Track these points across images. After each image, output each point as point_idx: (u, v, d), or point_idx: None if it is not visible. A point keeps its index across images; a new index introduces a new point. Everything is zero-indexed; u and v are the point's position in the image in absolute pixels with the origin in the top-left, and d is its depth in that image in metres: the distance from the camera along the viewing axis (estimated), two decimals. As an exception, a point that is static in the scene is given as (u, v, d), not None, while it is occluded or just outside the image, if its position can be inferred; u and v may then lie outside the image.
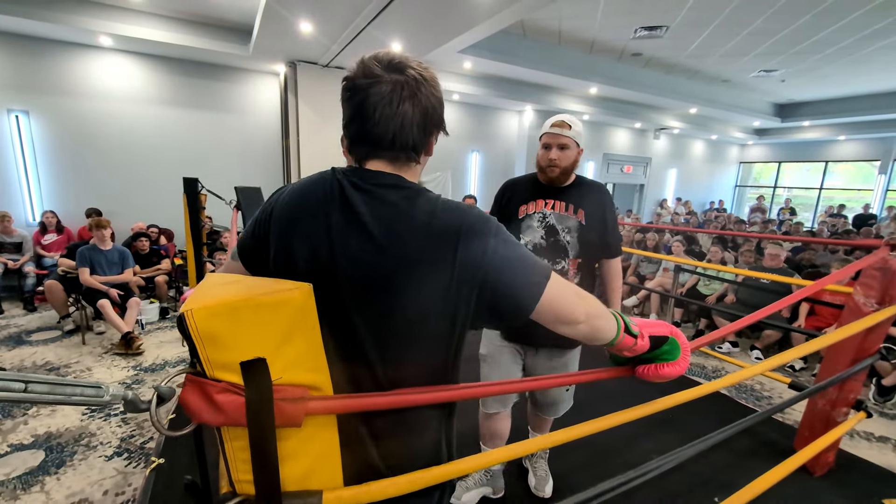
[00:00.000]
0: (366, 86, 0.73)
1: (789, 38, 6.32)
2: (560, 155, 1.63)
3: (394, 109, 0.73)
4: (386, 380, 0.76)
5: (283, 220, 0.78)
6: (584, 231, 1.64)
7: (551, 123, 1.66)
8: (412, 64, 0.76)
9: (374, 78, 0.73)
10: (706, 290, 4.89)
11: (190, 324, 0.55)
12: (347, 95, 0.76)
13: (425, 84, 0.76)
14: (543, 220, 1.67)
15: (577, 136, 1.66)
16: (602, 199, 1.71)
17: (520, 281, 0.75)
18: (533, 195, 1.71)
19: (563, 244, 1.64)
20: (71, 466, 2.44)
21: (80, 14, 4.82)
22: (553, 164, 1.64)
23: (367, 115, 0.74)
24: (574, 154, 1.66)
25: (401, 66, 0.75)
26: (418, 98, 0.75)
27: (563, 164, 1.64)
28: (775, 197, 13.71)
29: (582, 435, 0.96)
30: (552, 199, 1.68)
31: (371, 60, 0.75)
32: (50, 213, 5.40)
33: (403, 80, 0.74)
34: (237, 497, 0.61)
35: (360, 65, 0.76)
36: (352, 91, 0.75)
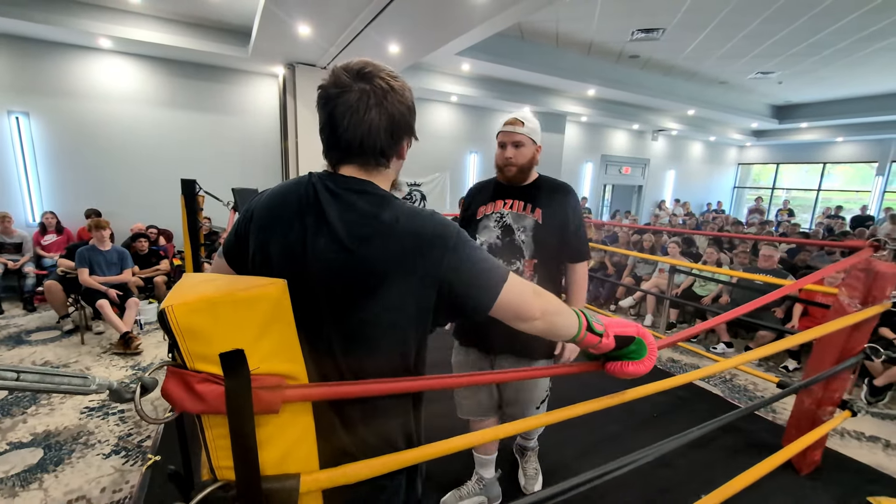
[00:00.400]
0: (335, 94, 0.78)
1: (786, 40, 6.35)
2: (515, 153, 1.60)
3: (360, 117, 0.78)
4: (351, 375, 0.81)
5: (261, 221, 0.84)
6: (540, 230, 1.59)
7: (505, 121, 1.63)
8: (381, 73, 0.80)
9: (343, 87, 0.78)
10: (702, 291, 4.92)
11: (171, 319, 0.58)
12: (321, 103, 0.81)
13: (392, 92, 0.80)
14: (500, 219, 1.64)
15: (532, 132, 1.61)
16: (563, 199, 1.63)
17: (477, 282, 0.80)
18: (493, 196, 1.69)
19: (518, 244, 1.60)
20: (69, 464, 2.47)
21: (79, 16, 4.87)
22: (509, 163, 1.61)
23: (337, 122, 0.79)
24: (530, 151, 1.62)
25: (369, 76, 0.79)
26: (385, 106, 0.79)
27: (518, 161, 1.61)
28: (774, 198, 13.74)
29: (556, 420, 0.99)
30: (511, 199, 1.65)
31: (341, 70, 0.80)
32: (50, 213, 5.44)
33: (370, 88, 0.78)
34: (217, 483, 0.64)
35: (332, 74, 0.80)
36: (324, 99, 0.80)
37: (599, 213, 12.00)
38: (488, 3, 3.78)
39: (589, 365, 1.03)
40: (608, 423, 2.62)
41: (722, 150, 14.12)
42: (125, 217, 5.90)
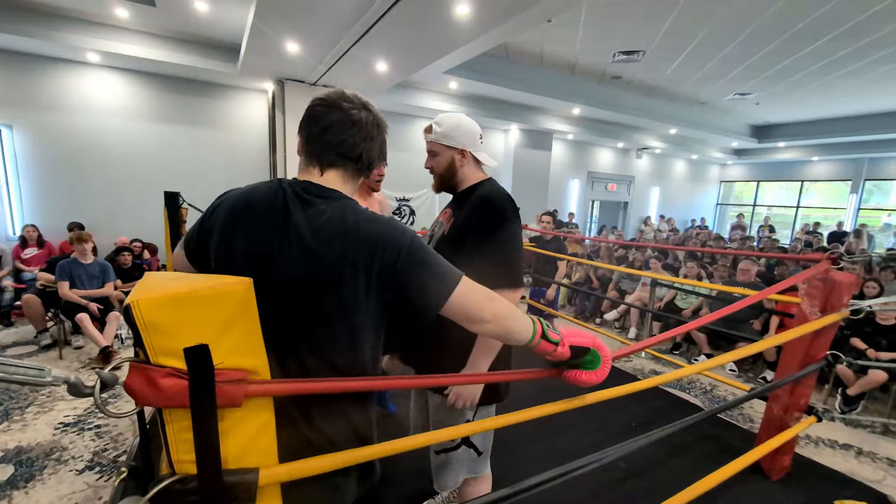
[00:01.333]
0: (347, 108, 0.92)
1: (760, 63, 6.61)
2: (432, 162, 1.48)
3: (368, 132, 0.94)
4: (314, 372, 0.86)
5: (229, 217, 0.90)
6: (443, 242, 1.44)
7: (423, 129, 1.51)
8: (374, 107, 0.98)
9: (352, 105, 0.93)
10: (683, 304, 5.00)
11: (136, 314, 0.61)
12: (323, 111, 0.91)
13: (382, 124, 0.99)
14: (433, 229, 1.57)
15: (444, 137, 1.43)
16: (475, 210, 1.38)
17: (430, 282, 0.87)
18: (447, 205, 1.60)
19: None
20: (40, 481, 2.42)
21: (67, 31, 4.91)
22: (431, 172, 1.51)
23: (345, 129, 0.91)
24: (445, 159, 1.45)
25: (368, 106, 0.96)
26: (381, 131, 0.98)
27: (437, 170, 1.49)
28: (755, 214, 14.07)
29: (508, 423, 1.02)
30: (449, 208, 1.55)
31: (348, 93, 0.95)
32: (31, 227, 5.38)
33: (373, 116, 0.96)
34: (175, 476, 0.66)
35: (337, 92, 0.94)
36: (330, 108, 0.91)
37: (587, 228, 12.17)
38: (474, 23, 3.90)
39: (549, 371, 1.07)
40: (587, 434, 2.64)
41: (704, 167, 14.48)
42: (110, 231, 5.85)
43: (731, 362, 4.30)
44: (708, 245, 8.48)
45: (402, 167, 8.47)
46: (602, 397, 1.12)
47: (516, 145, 9.43)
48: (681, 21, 5.26)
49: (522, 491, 0.95)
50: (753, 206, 14.25)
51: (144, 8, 4.52)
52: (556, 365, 1.05)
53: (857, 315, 1.86)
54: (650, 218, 12.94)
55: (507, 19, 3.75)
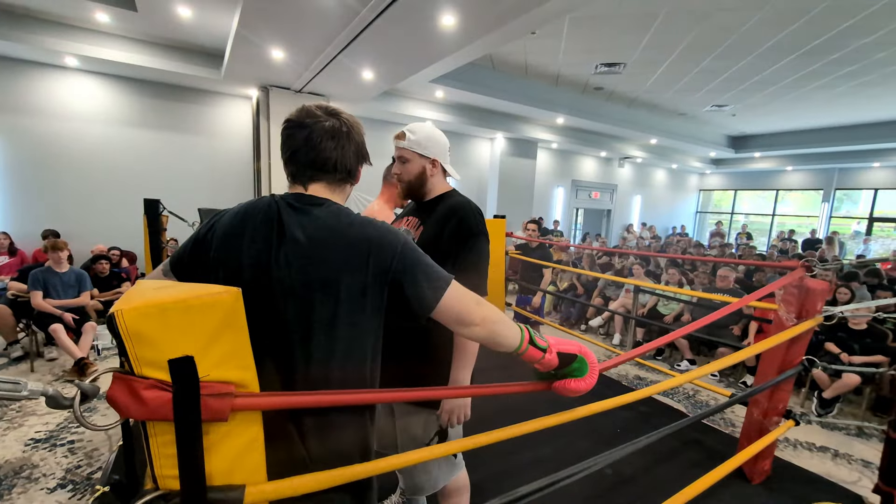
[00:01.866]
0: (311, 124, 0.93)
1: (735, 76, 6.83)
2: (401, 168, 1.48)
3: (337, 142, 0.94)
4: (312, 378, 0.85)
5: (225, 237, 0.92)
6: None
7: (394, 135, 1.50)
8: (343, 112, 0.98)
9: (316, 118, 0.94)
10: (665, 310, 5.08)
11: (119, 324, 0.60)
12: (292, 132, 0.94)
13: (354, 126, 0.99)
14: None
15: (417, 145, 1.43)
16: (444, 217, 1.40)
17: (423, 283, 0.89)
18: (406, 213, 1.60)
19: None
20: (9, 500, 2.32)
21: (44, 34, 4.80)
22: (399, 179, 1.50)
23: (313, 144, 0.93)
24: (417, 167, 1.45)
25: (335, 113, 0.96)
26: (352, 135, 0.97)
27: (405, 177, 1.48)
28: (733, 222, 14.44)
29: (501, 438, 1.01)
30: (412, 216, 1.53)
31: (311, 106, 0.95)
32: (2, 234, 5.20)
33: (339, 123, 0.95)
34: (158, 491, 0.64)
35: (302, 109, 0.95)
36: (297, 128, 0.93)
37: (572, 236, 12.31)
38: (459, 34, 3.94)
39: (537, 385, 1.07)
40: (575, 441, 2.65)
41: (684, 176, 14.82)
42: (87, 238, 5.69)
43: (713, 368, 4.38)
44: (688, 252, 8.66)
45: (387, 175, 8.46)
46: (594, 410, 1.12)
47: (502, 153, 9.52)
48: (660, 35, 5.42)
49: (510, 502, 0.94)
50: (731, 214, 14.63)
51: (125, 13, 4.46)
52: (543, 377, 1.06)
53: (830, 321, 1.92)
54: (633, 225, 13.18)
55: (492, 31, 3.81)
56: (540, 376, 1.07)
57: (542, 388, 1.07)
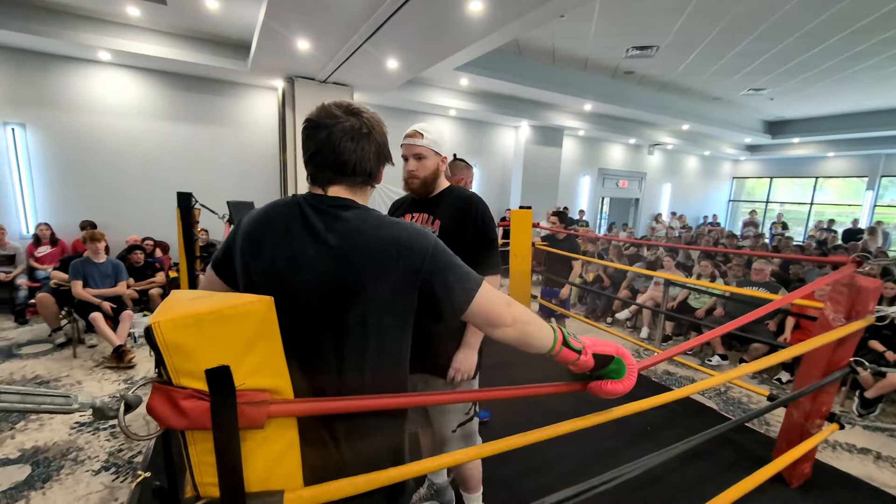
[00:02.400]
0: (330, 124, 0.89)
1: (775, 59, 6.48)
2: (417, 165, 1.55)
3: (357, 143, 0.90)
4: (343, 382, 0.85)
5: (248, 238, 0.91)
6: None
7: (405, 134, 1.57)
8: (364, 110, 0.94)
9: (336, 118, 0.89)
10: (696, 304, 4.94)
11: (157, 335, 0.59)
12: (312, 132, 0.91)
13: (376, 125, 0.94)
14: None
15: (434, 143, 1.54)
16: (464, 208, 1.56)
17: (454, 285, 0.88)
18: (405, 210, 1.68)
19: None
20: (57, 481, 2.44)
21: (78, 29, 4.93)
22: (412, 176, 1.56)
23: (333, 146, 0.89)
24: (433, 163, 1.55)
25: (356, 111, 0.92)
26: (373, 136, 0.93)
27: (420, 174, 1.55)
28: (768, 211, 13.87)
29: (521, 445, 0.99)
30: (417, 212, 1.62)
31: (331, 105, 0.92)
32: (44, 225, 5.44)
33: (359, 122, 0.91)
34: (201, 500, 0.65)
35: (321, 108, 0.91)
36: (316, 128, 0.90)
37: (597, 225, 12.07)
38: (485, 20, 3.85)
39: (571, 385, 1.04)
40: (603, 438, 2.61)
41: (717, 163, 14.29)
42: (121, 229, 5.90)
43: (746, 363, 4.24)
44: (721, 243, 8.37)
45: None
46: (631, 410, 1.08)
47: (526, 142, 9.35)
48: (696, 16, 5.17)
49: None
50: (766, 203, 14.06)
51: (156, 6, 4.53)
52: (578, 377, 1.02)
53: (882, 321, 1.81)
54: (661, 215, 12.81)
55: (520, 16, 3.70)
56: (574, 377, 1.04)
57: (576, 389, 1.04)
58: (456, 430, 1.64)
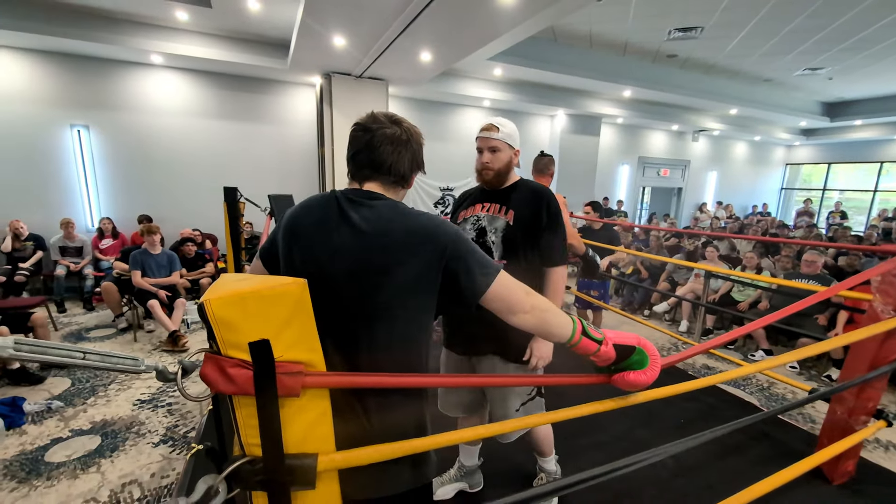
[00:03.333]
0: (375, 129, 1.01)
1: (834, 35, 6.04)
2: (492, 157, 1.64)
3: (395, 147, 1.02)
4: (371, 358, 0.94)
5: (291, 229, 1.02)
6: (510, 231, 1.62)
7: (481, 127, 1.67)
8: (405, 121, 1.06)
9: (380, 124, 1.02)
10: (740, 297, 4.74)
11: (208, 311, 0.68)
12: (359, 134, 1.02)
13: (415, 136, 1.06)
14: (477, 222, 1.69)
15: (508, 137, 1.64)
16: (537, 201, 1.64)
17: (475, 269, 0.95)
18: (474, 200, 1.75)
19: (488, 245, 1.64)
20: (123, 451, 2.69)
21: (133, 35, 5.26)
22: (486, 167, 1.65)
23: (374, 147, 1.01)
24: (506, 156, 1.66)
25: (399, 121, 1.04)
26: (411, 143, 1.05)
27: (495, 166, 1.65)
28: (825, 200, 12.98)
29: (557, 420, 1.02)
30: (489, 203, 1.70)
31: (379, 114, 1.04)
32: (107, 219, 5.88)
33: (400, 130, 1.03)
34: (246, 457, 0.73)
35: (370, 115, 1.04)
36: (363, 131, 1.02)
37: (637, 216, 11.71)
38: (518, 8, 3.81)
39: (596, 377, 1.06)
40: (634, 429, 2.60)
41: (768, 149, 13.49)
42: (174, 222, 6.29)
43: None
44: (770, 233, 7.94)
45: (445, 156, 8.49)
46: (652, 396, 1.10)
47: (562, 131, 9.18)
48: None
49: (565, 487, 0.96)
50: (823, 191, 13.15)
51: (202, 9, 4.76)
52: (602, 370, 1.05)
53: (938, 314, 1.70)
54: (706, 204, 12.27)
55: (555, 2, 3.63)
56: (598, 370, 1.07)
57: (601, 381, 1.06)
58: (519, 409, 1.73)
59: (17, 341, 0.55)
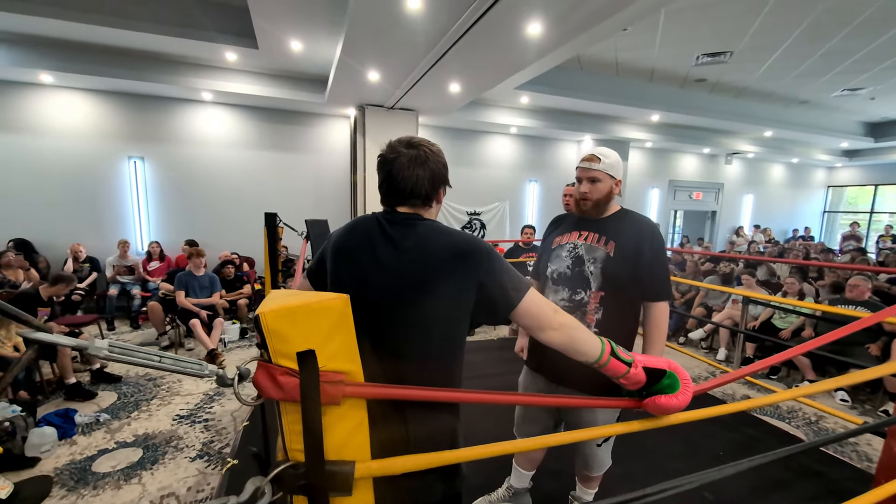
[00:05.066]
0: (392, 159, 1.08)
1: (873, 55, 5.90)
2: (591, 188, 1.63)
3: (412, 172, 1.07)
4: (409, 371, 0.99)
5: (337, 247, 1.12)
6: (610, 263, 1.57)
7: (582, 157, 1.66)
8: (423, 143, 1.11)
9: (397, 153, 1.08)
10: (781, 324, 4.54)
11: (263, 322, 0.75)
12: (381, 166, 1.11)
13: (432, 155, 1.11)
14: (573, 250, 1.66)
15: (610, 168, 1.62)
16: (640, 233, 1.59)
17: (507, 285, 1.02)
18: (571, 227, 1.72)
19: (586, 275, 1.61)
20: (162, 464, 2.80)
21: (187, 75, 5.71)
22: (585, 198, 1.64)
23: (394, 176, 1.08)
24: (606, 187, 1.63)
25: (415, 144, 1.10)
26: (428, 165, 1.09)
27: (594, 196, 1.63)
28: (873, 223, 12.34)
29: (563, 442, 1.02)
30: (587, 231, 1.66)
31: (395, 142, 1.11)
32: (155, 243, 6.25)
33: (416, 153, 1.08)
34: (289, 462, 0.79)
35: (388, 146, 1.11)
36: (383, 162, 1.11)
37: (670, 241, 11.45)
38: (545, 41, 3.94)
39: (627, 401, 1.06)
40: (671, 460, 2.51)
41: (807, 171, 13.03)
42: (215, 246, 6.62)
43: (843, 392, 3.83)
44: (813, 258, 7.60)
45: (473, 181, 8.63)
46: (681, 419, 1.09)
47: (590, 156, 9.16)
48: (773, 17, 4.89)
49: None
50: (871, 213, 12.53)
51: (249, 51, 5.14)
52: (633, 394, 1.05)
53: None
54: (743, 228, 11.88)
55: (580, 33, 3.74)
56: (630, 393, 1.06)
57: (631, 406, 1.05)
58: (601, 445, 1.74)
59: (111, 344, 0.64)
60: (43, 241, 5.88)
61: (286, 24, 4.45)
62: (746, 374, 1.45)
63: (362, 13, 3.46)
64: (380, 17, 3.51)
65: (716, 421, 2.65)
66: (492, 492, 2.12)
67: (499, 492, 2.10)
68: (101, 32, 4.66)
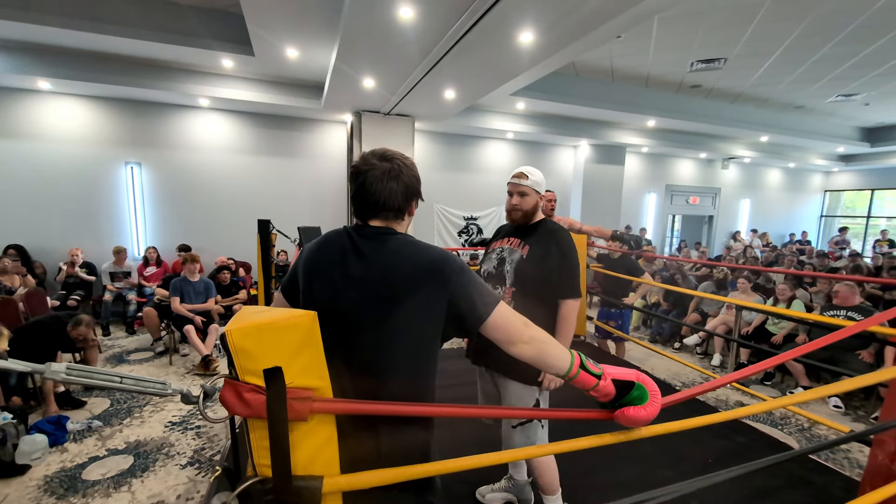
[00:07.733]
0: (365, 171, 1.07)
1: (866, 61, 5.94)
2: (520, 201, 1.89)
3: (385, 185, 1.06)
4: (380, 386, 1.00)
5: (309, 263, 1.11)
6: (522, 263, 1.82)
7: (512, 174, 1.92)
8: (396, 156, 1.10)
9: (371, 165, 1.07)
10: (774, 329, 4.55)
11: (229, 340, 0.76)
12: (354, 177, 1.09)
13: (405, 169, 1.10)
14: (500, 253, 1.93)
15: (535, 184, 1.88)
16: (550, 239, 1.85)
17: (476, 299, 1.02)
18: (505, 235, 2.00)
19: (503, 273, 1.86)
20: (153, 472, 2.80)
21: (184, 81, 5.74)
22: (515, 209, 1.90)
23: (367, 189, 1.07)
24: (533, 200, 1.90)
25: (388, 157, 1.09)
26: (401, 178, 1.08)
27: (523, 207, 1.89)
28: (870, 227, 12.36)
29: (558, 451, 1.04)
30: (514, 238, 1.93)
31: (369, 154, 1.10)
32: (152, 248, 6.26)
33: (390, 167, 1.07)
34: (257, 477, 0.79)
35: (362, 157, 1.10)
36: (356, 174, 1.09)
37: (667, 245, 11.47)
38: (539, 48, 3.96)
39: (598, 413, 1.07)
40: (658, 469, 2.51)
41: (804, 176, 13.06)
42: (211, 251, 6.63)
43: (837, 398, 3.83)
44: (808, 263, 7.61)
45: (470, 186, 8.66)
46: (660, 430, 1.09)
47: (586, 161, 9.21)
48: (766, 24, 4.92)
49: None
50: (867, 218, 12.54)
51: (245, 58, 5.16)
52: (605, 405, 1.06)
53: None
54: (740, 233, 11.90)
55: (574, 41, 3.76)
56: (601, 405, 1.07)
57: (603, 417, 1.06)
58: (516, 427, 1.85)
59: (69, 366, 0.65)
60: (40, 246, 5.89)
61: (281, 32, 4.48)
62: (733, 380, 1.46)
63: (356, 21, 3.49)
64: (373, 24, 3.53)
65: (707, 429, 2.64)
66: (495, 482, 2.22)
67: (501, 482, 2.19)
68: (98, 40, 4.69)
